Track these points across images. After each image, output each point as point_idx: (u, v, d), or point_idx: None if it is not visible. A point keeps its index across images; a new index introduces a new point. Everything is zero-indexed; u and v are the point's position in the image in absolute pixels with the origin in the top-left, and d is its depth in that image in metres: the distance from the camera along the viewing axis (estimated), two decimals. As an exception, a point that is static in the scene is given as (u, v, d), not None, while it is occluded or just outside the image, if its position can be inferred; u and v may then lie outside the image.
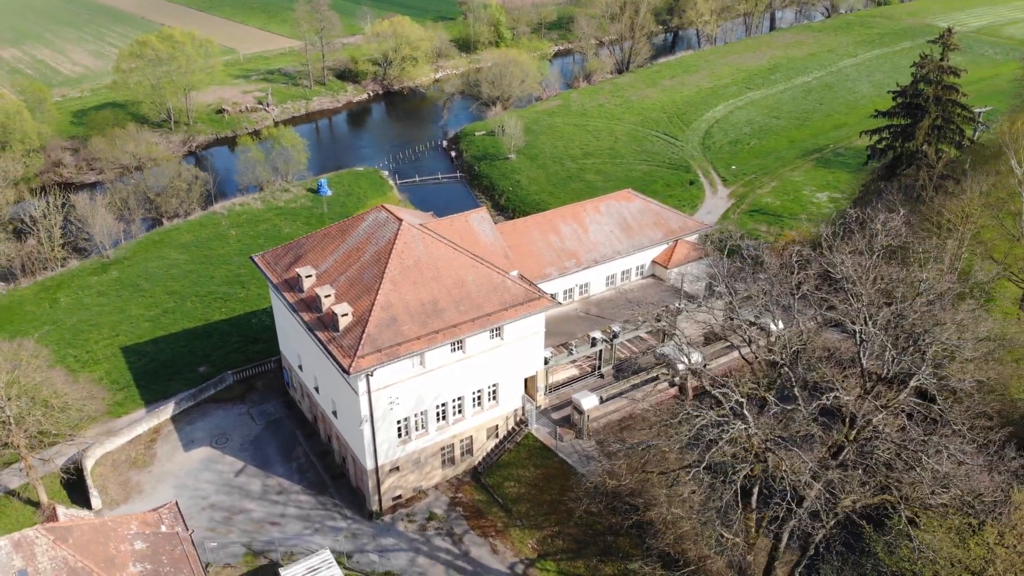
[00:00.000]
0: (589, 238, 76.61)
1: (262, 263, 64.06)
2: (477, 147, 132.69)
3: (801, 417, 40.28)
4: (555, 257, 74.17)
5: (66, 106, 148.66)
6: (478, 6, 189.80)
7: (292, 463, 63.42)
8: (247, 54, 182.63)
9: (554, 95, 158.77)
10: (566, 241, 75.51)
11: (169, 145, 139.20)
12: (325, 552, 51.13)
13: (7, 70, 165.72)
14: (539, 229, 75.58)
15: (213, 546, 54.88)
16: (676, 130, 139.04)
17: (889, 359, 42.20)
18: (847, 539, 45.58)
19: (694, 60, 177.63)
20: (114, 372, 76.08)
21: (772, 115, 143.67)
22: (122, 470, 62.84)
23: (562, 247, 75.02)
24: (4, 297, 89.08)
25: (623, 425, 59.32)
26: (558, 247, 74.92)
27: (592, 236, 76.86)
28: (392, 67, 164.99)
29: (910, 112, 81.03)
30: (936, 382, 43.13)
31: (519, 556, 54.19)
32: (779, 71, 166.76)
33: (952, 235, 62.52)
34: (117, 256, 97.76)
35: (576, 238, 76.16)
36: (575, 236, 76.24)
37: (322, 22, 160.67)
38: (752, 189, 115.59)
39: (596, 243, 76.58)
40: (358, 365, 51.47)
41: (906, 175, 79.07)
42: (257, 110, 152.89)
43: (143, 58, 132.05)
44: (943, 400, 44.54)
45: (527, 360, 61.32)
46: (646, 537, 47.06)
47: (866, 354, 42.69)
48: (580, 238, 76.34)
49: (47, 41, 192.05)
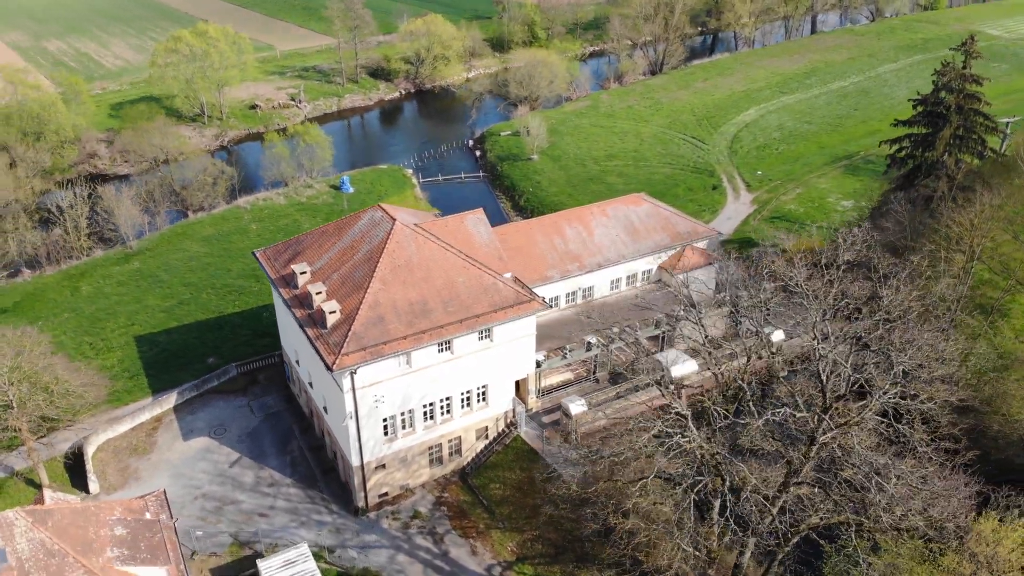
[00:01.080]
0: (594, 241, 76.23)
1: (263, 258, 65.14)
2: (501, 147, 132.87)
3: (754, 430, 39.61)
4: (558, 260, 73.97)
5: (105, 99, 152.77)
6: (513, 5, 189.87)
7: (286, 456, 64.41)
8: (284, 51, 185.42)
9: (584, 96, 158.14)
10: (570, 244, 75.26)
11: (202, 139, 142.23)
12: (303, 546, 51.89)
13: (51, 62, 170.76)
14: (543, 231, 75.49)
15: (199, 535, 56.00)
16: (704, 133, 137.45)
17: (846, 377, 41.22)
18: (804, 556, 44.74)
19: (729, 63, 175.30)
20: (126, 360, 78.07)
21: (804, 120, 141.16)
22: (122, 457, 64.48)
23: (566, 250, 74.78)
24: (29, 284, 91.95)
25: (608, 432, 58.86)
26: (562, 250, 74.71)
27: (597, 239, 76.47)
28: (424, 66, 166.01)
29: (931, 121, 78.83)
30: (898, 402, 41.90)
31: (497, 558, 54.27)
32: (816, 75, 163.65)
33: (959, 248, 60.73)
34: (140, 247, 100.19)
35: (580, 241, 75.85)
36: (579, 239, 75.94)
37: (355, 20, 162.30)
38: (776, 195, 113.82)
39: (601, 247, 76.16)
40: (342, 362, 52.05)
41: (924, 185, 76.97)
42: (289, 106, 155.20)
43: (178, 53, 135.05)
44: (908, 421, 43.35)
45: (518, 363, 61.30)
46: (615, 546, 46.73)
47: (824, 371, 41.78)
48: (584, 241, 76.01)
49: (92, 35, 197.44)
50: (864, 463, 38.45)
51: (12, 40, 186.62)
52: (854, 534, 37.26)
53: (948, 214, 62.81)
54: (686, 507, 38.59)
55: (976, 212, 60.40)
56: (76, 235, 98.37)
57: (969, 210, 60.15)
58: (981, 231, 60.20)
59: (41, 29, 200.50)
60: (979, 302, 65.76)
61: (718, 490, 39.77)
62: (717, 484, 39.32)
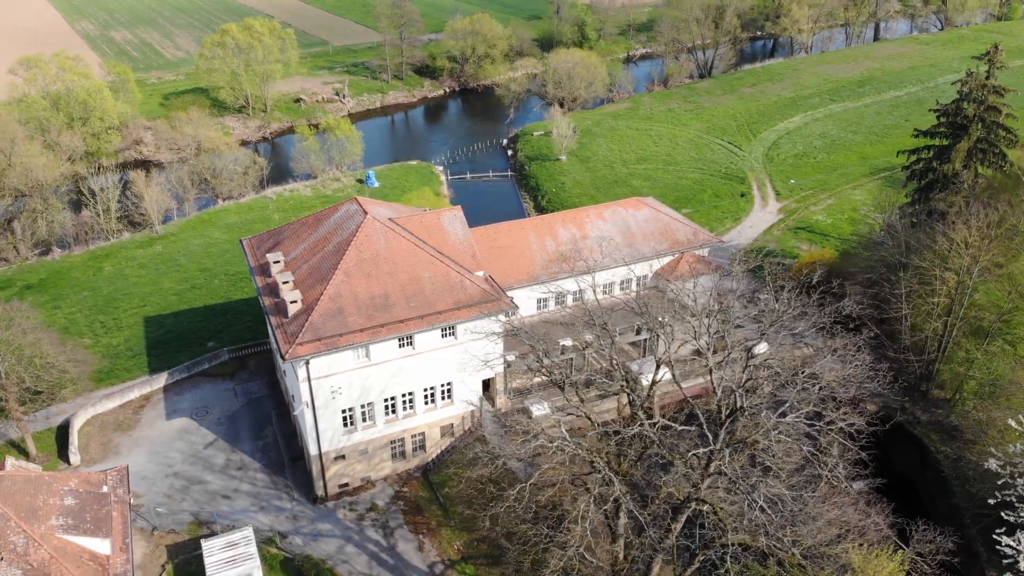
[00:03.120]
0: (587, 244, 75.09)
1: (247, 246, 66.56)
2: (532, 147, 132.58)
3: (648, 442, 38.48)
4: (548, 261, 73.12)
5: (160, 88, 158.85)
6: (566, 6, 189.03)
7: (259, 441, 65.64)
8: (336, 46, 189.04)
9: (625, 98, 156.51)
10: (562, 245, 74.24)
11: (245, 130, 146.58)
12: (247, 529, 52.80)
13: (115, 51, 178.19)
14: (536, 231, 74.81)
15: (160, 511, 57.61)
16: (742, 139, 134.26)
17: (739, 394, 39.42)
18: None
19: (781, 68, 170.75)
20: (132, 339, 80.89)
21: (849, 129, 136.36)
22: (107, 431, 66.81)
23: (557, 251, 73.84)
24: (57, 263, 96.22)
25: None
26: (552, 251, 73.83)
27: (591, 242, 75.28)
28: (468, 64, 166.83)
29: (953, 133, 75.06)
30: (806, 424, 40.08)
31: (442, 556, 54.16)
32: (870, 83, 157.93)
33: (948, 266, 57.60)
34: (166, 232, 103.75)
35: (573, 243, 74.75)
36: (572, 241, 74.88)
37: (403, 18, 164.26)
38: (805, 205, 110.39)
39: (593, 249, 74.95)
40: (295, 352, 52.76)
41: (938, 199, 73.33)
42: (333, 101, 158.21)
43: (224, 47, 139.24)
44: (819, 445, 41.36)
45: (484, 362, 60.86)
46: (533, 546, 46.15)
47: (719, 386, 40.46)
48: (578, 243, 74.88)
49: (158, 25, 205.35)
50: (743, 480, 36.87)
51: (82, 28, 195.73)
52: (729, 556, 35.76)
53: (940, 228, 59.70)
54: (583, 513, 37.77)
55: (974, 229, 57.24)
56: (106, 218, 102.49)
57: (962, 228, 57.03)
58: (977, 248, 56.98)
59: (111, 19, 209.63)
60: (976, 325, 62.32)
61: (621, 503, 38.72)
62: (617, 494, 38.21)
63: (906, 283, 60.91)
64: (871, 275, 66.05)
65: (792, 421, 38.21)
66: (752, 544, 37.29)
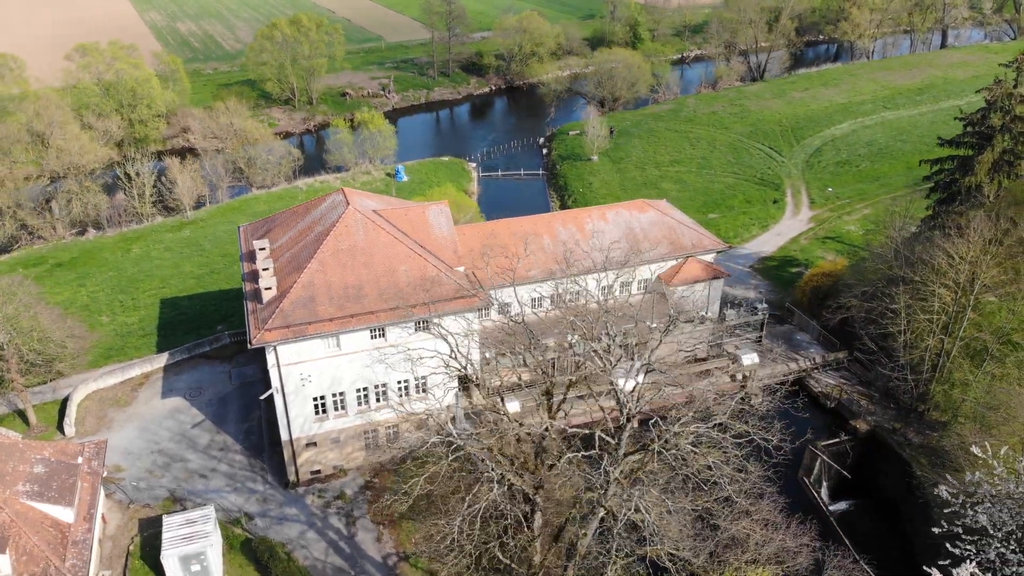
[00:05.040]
0: (586, 244, 74.19)
1: (243, 232, 68.00)
2: (566, 146, 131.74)
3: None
4: (543, 260, 72.48)
5: (215, 79, 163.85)
6: (621, 6, 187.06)
7: (245, 424, 67.02)
8: (390, 43, 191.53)
9: (671, 99, 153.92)
10: (559, 245, 73.58)
11: (291, 122, 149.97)
12: (208, 508, 53.90)
13: (178, 42, 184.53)
14: (533, 229, 74.21)
15: (135, 486, 59.41)
16: (784, 145, 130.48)
17: (629, 401, 38.07)
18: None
19: (837, 73, 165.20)
20: (147, 319, 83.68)
21: (899, 138, 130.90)
22: (104, 406, 69.25)
23: (553, 250, 73.19)
24: (90, 242, 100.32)
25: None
26: (550, 250, 73.17)
27: (590, 243, 74.35)
28: (515, 62, 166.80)
29: (977, 143, 71.22)
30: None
31: (398, 548, 54.34)
32: (929, 92, 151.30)
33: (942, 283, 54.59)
34: (195, 217, 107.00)
35: (572, 243, 73.98)
36: (571, 241, 74.08)
37: (451, 14, 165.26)
38: (839, 214, 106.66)
39: (592, 251, 73.97)
40: (262, 338, 53.66)
41: (956, 212, 69.66)
42: (379, 96, 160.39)
43: (273, 40, 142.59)
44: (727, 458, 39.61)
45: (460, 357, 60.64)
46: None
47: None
48: (577, 243, 74.09)
49: (222, 18, 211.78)
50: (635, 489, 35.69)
51: (150, 19, 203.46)
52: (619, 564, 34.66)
53: (937, 243, 56.69)
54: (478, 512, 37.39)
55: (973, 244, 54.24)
56: (141, 202, 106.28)
57: (960, 242, 54.06)
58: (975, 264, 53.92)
59: (179, 11, 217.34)
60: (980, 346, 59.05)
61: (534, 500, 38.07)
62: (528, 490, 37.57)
63: (902, 298, 58.11)
64: (867, 288, 63.27)
65: (699, 431, 36.90)
66: (655, 554, 36.21)
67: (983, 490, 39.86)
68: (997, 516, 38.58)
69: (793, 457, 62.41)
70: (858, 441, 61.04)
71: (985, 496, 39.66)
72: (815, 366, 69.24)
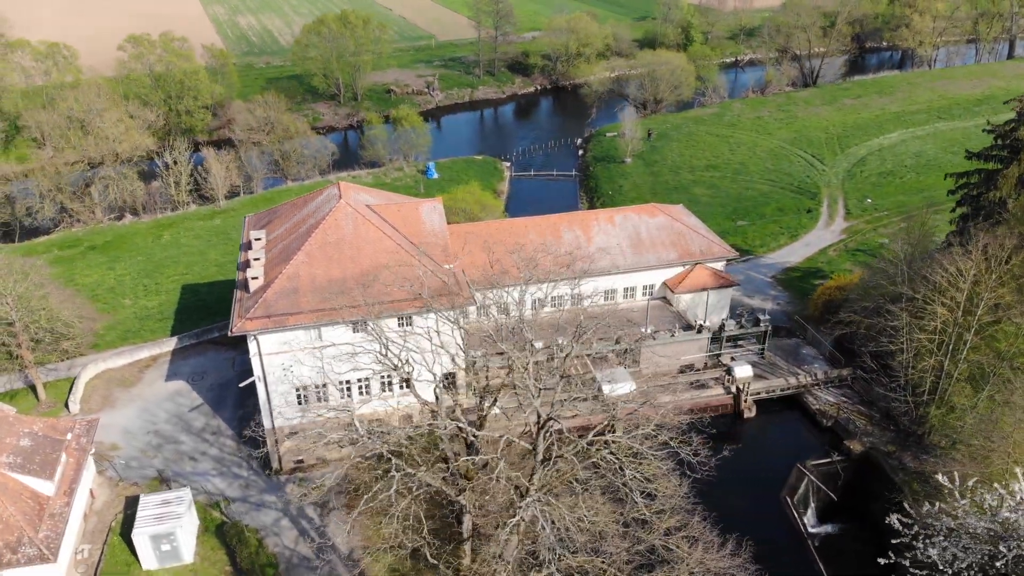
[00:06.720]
0: (590, 248, 73.33)
1: (247, 223, 69.37)
2: (602, 148, 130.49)
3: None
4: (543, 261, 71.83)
5: (266, 73, 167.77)
6: (675, 8, 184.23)
7: (240, 410, 68.29)
8: (440, 41, 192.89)
9: (716, 103, 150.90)
10: (563, 247, 72.88)
11: (335, 117, 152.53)
12: (185, 491, 55.16)
13: (237, 36, 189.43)
14: (537, 231, 73.82)
15: (122, 464, 61.17)
16: (827, 153, 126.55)
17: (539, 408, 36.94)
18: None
19: (894, 81, 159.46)
20: (166, 304, 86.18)
21: (950, 150, 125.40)
22: (111, 386, 71.57)
23: (557, 253, 72.40)
24: (125, 228, 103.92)
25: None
26: (553, 252, 72.47)
27: (594, 246, 73.51)
28: (560, 62, 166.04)
29: (1006, 156, 67.67)
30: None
31: (366, 542, 54.50)
32: (988, 103, 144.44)
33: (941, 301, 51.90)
34: (228, 207, 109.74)
35: (576, 245, 73.26)
36: (575, 243, 73.41)
37: (499, 17, 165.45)
38: (875, 226, 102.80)
39: (596, 254, 73.09)
40: (242, 327, 54.66)
41: (979, 228, 66.31)
42: (423, 94, 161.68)
43: (320, 35, 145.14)
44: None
45: (444, 355, 60.62)
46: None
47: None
48: (580, 246, 73.33)
49: (283, 13, 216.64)
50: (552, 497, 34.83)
51: (212, 12, 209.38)
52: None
53: (938, 259, 53.97)
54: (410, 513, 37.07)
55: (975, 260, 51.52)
56: (177, 190, 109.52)
57: (961, 259, 51.38)
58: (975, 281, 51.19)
59: (241, 4, 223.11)
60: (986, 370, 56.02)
61: (464, 504, 37.63)
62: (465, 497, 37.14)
63: (904, 315, 55.61)
64: (869, 303, 60.76)
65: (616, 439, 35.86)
66: (583, 565, 35.41)
67: (942, 522, 37.74)
68: (951, 552, 36.39)
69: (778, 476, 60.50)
70: (851, 462, 58.66)
71: (943, 529, 37.54)
72: (815, 382, 66.84)
